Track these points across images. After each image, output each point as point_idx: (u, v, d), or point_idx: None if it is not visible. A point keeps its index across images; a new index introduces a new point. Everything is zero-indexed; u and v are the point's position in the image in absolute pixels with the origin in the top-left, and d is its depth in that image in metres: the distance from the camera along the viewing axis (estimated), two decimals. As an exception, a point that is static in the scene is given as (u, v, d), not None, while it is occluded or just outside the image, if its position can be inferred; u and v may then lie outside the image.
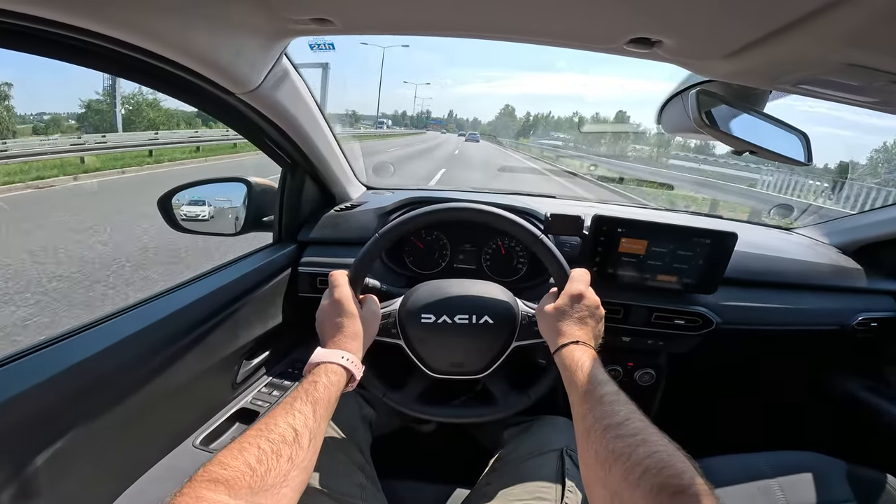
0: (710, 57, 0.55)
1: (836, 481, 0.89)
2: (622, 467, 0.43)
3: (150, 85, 0.62)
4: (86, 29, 0.47)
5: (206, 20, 0.54)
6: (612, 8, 0.49)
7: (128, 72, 0.58)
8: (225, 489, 0.39)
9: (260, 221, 1.15)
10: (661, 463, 0.41)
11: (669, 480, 0.39)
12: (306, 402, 0.52)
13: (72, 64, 0.54)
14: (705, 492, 0.38)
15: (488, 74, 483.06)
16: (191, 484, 0.39)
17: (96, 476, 0.66)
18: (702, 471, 0.41)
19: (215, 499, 0.38)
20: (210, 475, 0.39)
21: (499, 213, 0.76)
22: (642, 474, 0.41)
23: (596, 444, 0.48)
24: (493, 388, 0.80)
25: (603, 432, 0.48)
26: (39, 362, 0.58)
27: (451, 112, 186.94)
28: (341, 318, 0.66)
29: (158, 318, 0.73)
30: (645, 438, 0.44)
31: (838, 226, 1.32)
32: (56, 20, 0.45)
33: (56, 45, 0.50)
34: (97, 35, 0.49)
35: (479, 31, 0.57)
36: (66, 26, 0.46)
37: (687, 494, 0.38)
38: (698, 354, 1.13)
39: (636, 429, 0.46)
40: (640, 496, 0.40)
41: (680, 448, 0.44)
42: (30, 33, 0.46)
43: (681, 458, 0.42)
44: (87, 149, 10.39)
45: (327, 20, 0.55)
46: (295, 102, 0.85)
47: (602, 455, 0.46)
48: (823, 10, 0.39)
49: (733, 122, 0.71)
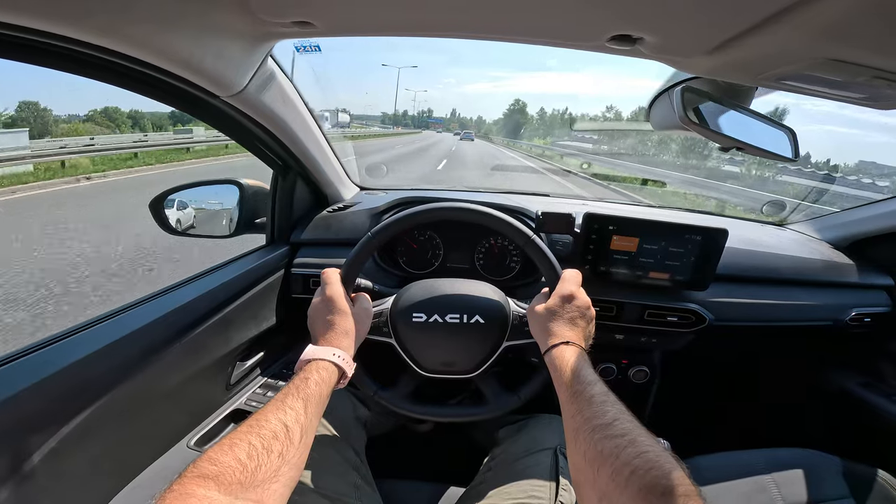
0: (691, 53, 0.55)
1: (831, 477, 0.89)
2: (610, 468, 0.43)
3: (134, 89, 0.62)
4: (67, 36, 0.47)
5: (187, 25, 0.54)
6: (591, 5, 0.49)
7: (112, 77, 0.58)
8: (215, 485, 0.39)
9: (252, 223, 1.15)
10: (648, 464, 0.41)
11: (657, 481, 0.39)
12: (297, 399, 0.52)
13: (55, 70, 0.54)
14: (692, 493, 0.38)
15: (494, 74, 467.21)
16: (180, 480, 0.38)
17: (90, 477, 0.66)
18: (689, 471, 0.41)
19: (205, 494, 0.38)
20: (200, 471, 0.39)
21: (490, 212, 0.76)
22: (630, 475, 0.41)
23: (584, 445, 0.48)
24: (484, 388, 0.80)
25: (591, 433, 0.48)
26: (32, 364, 0.58)
27: (455, 111, 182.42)
28: (333, 316, 0.66)
29: (152, 319, 0.73)
30: (633, 439, 0.44)
31: (830, 221, 1.32)
32: (36, 28, 0.45)
33: (37, 52, 0.50)
34: (78, 42, 0.49)
35: (460, 30, 0.57)
36: (46, 34, 0.46)
37: (674, 495, 0.38)
38: (692, 351, 1.13)
39: (624, 429, 0.46)
40: (627, 497, 0.40)
41: (668, 449, 0.44)
42: (8, 40, 0.47)
43: (669, 458, 0.42)
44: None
45: (308, 23, 0.55)
46: (282, 104, 0.85)
47: (590, 455, 0.46)
48: (800, 4, 0.39)
49: (720, 118, 0.72)
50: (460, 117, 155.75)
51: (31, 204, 7.31)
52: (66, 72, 0.54)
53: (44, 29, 0.45)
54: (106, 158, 11.25)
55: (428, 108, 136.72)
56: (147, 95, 0.64)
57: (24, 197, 7.70)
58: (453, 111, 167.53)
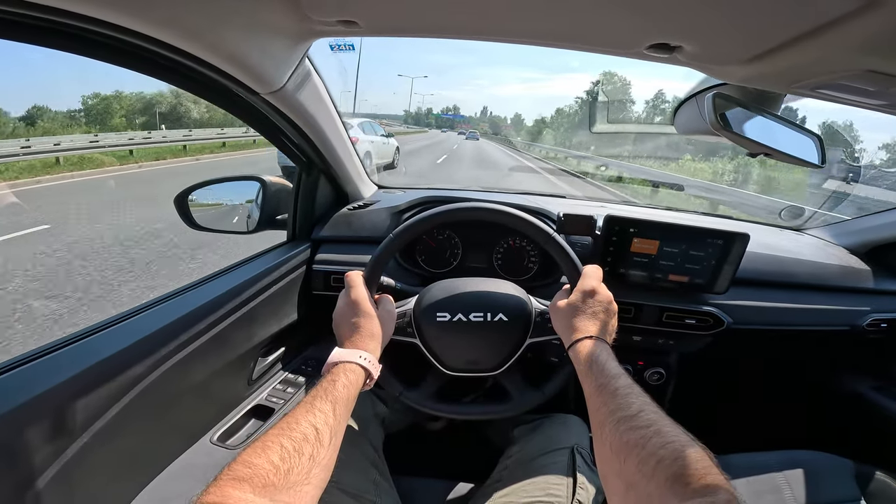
0: (728, 62, 0.56)
1: (844, 480, 0.89)
2: (636, 458, 0.43)
3: (178, 84, 0.63)
4: (119, 26, 0.48)
5: (238, 21, 0.55)
6: (634, 14, 0.49)
7: (158, 70, 0.59)
8: (250, 487, 0.39)
9: (273, 220, 1.16)
10: (675, 453, 0.41)
11: (684, 471, 0.39)
12: (326, 401, 0.53)
13: (105, 62, 0.54)
14: (721, 482, 0.38)
15: (527, 75, 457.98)
16: (216, 483, 0.39)
17: (120, 471, 0.67)
18: (717, 461, 0.41)
19: (241, 497, 0.38)
20: (235, 474, 0.40)
21: (512, 212, 0.77)
22: (657, 465, 0.41)
23: (610, 436, 0.48)
24: (508, 385, 0.81)
25: (617, 424, 0.48)
26: (64, 359, 0.59)
27: (486, 109, 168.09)
28: (358, 318, 0.67)
29: (179, 315, 0.74)
30: (659, 429, 0.45)
31: (848, 227, 1.32)
32: (95, 17, 0.45)
33: (89, 44, 0.51)
34: (128, 32, 0.49)
35: (502, 35, 0.58)
36: (101, 23, 0.47)
37: (702, 484, 0.38)
38: (708, 354, 1.14)
39: (650, 420, 0.47)
40: (654, 487, 0.40)
41: (695, 439, 0.44)
42: (62, 31, 0.47)
43: (696, 448, 0.42)
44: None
45: (353, 22, 0.56)
46: (315, 103, 0.86)
47: (616, 447, 0.47)
48: (845, 18, 0.40)
49: (748, 124, 0.72)
50: (492, 116, 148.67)
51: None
52: (116, 64, 0.54)
53: (106, 19, 0.46)
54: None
55: (454, 105, 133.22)
56: (191, 91, 0.65)
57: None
58: (484, 108, 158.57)
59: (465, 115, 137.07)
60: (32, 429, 0.53)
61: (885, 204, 1.95)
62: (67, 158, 10.41)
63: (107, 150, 11.67)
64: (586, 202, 1.42)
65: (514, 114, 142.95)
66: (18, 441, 0.51)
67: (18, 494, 0.52)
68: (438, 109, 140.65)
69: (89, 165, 10.50)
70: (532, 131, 76.23)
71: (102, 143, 11.86)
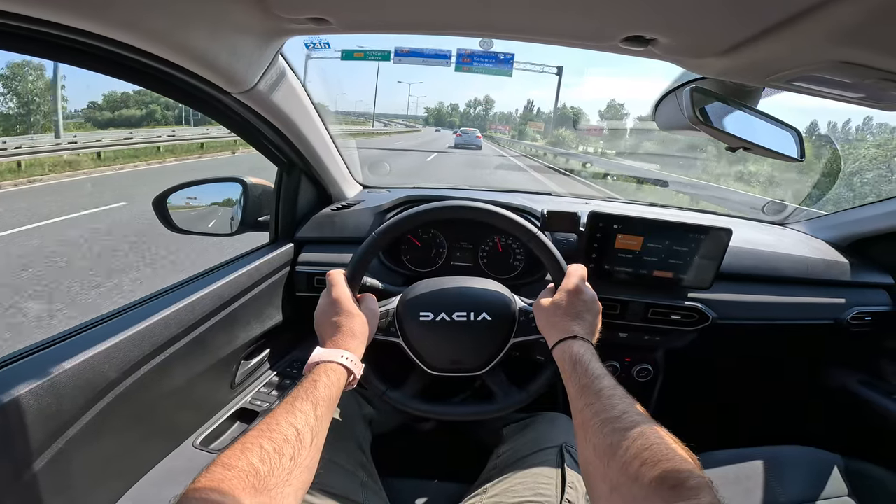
0: (704, 55, 0.56)
1: (832, 475, 0.90)
2: (620, 460, 0.43)
3: (146, 86, 0.61)
4: (83, 30, 0.47)
5: (204, 21, 0.54)
6: (607, 6, 0.49)
7: (124, 73, 0.58)
8: (229, 489, 0.39)
9: (256, 221, 1.15)
10: (658, 455, 0.41)
11: (668, 473, 0.39)
12: (307, 402, 0.52)
13: (67, 65, 0.54)
14: (704, 484, 0.38)
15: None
16: (194, 484, 0.38)
17: (98, 477, 0.66)
18: (700, 463, 0.41)
19: (219, 500, 0.37)
20: (213, 475, 0.39)
21: (495, 210, 0.77)
22: (640, 467, 0.41)
23: (594, 438, 0.48)
24: (493, 385, 0.80)
25: (601, 426, 0.48)
26: (38, 364, 0.58)
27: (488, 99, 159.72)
28: (340, 318, 0.66)
29: (157, 318, 0.72)
30: (642, 431, 0.45)
31: (831, 221, 1.33)
32: (53, 21, 0.45)
33: (52, 47, 0.50)
34: (93, 35, 0.49)
35: (476, 29, 0.57)
36: (63, 27, 0.46)
37: (685, 487, 0.38)
38: (695, 350, 1.14)
39: (634, 422, 0.46)
40: (638, 489, 0.40)
41: (678, 441, 0.44)
42: (25, 35, 0.46)
43: (679, 450, 0.42)
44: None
45: (324, 19, 0.55)
46: (290, 101, 0.85)
47: (600, 448, 0.47)
48: (817, 8, 0.40)
49: (727, 118, 0.72)
50: (498, 114, 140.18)
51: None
52: (81, 67, 0.54)
53: (65, 23, 0.45)
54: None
55: (484, 97, 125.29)
56: (160, 92, 0.64)
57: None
58: (485, 96, 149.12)
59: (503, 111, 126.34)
60: (5, 434, 0.51)
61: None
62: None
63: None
64: (571, 199, 1.42)
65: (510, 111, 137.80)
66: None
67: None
68: (464, 105, 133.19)
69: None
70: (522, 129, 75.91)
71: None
